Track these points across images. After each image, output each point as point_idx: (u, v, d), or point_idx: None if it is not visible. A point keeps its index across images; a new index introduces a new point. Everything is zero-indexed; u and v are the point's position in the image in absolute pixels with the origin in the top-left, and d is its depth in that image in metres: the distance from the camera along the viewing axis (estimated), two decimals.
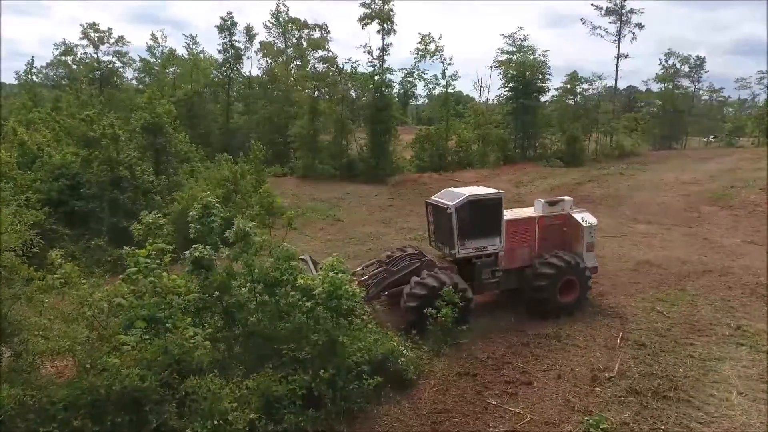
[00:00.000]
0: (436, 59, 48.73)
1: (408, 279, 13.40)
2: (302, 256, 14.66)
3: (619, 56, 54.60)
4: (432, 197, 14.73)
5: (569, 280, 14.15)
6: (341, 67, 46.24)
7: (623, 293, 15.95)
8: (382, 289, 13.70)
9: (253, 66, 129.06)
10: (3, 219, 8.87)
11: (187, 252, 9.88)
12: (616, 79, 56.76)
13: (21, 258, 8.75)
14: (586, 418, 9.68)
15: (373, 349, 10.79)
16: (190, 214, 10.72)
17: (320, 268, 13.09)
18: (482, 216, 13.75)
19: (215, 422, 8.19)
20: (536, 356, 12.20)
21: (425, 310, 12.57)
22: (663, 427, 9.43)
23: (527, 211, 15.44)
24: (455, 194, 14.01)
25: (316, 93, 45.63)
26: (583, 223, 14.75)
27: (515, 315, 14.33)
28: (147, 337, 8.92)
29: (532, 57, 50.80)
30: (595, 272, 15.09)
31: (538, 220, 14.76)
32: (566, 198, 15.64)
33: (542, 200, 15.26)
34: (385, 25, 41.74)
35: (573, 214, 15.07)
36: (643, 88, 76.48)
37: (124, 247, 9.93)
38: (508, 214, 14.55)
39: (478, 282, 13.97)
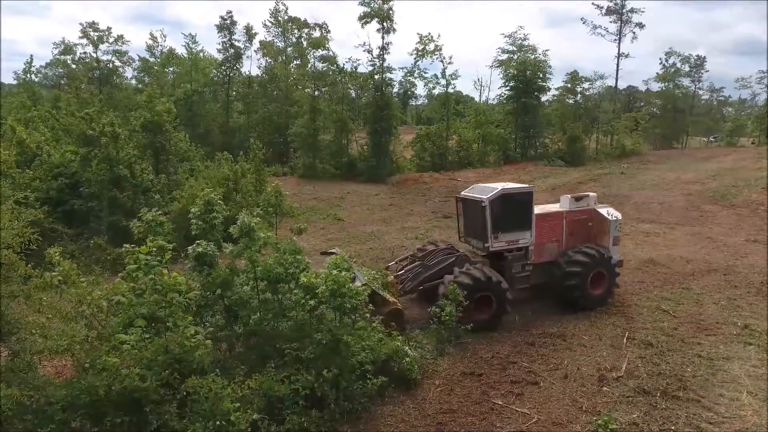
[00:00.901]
0: (436, 58, 48.67)
1: (443, 274, 13.50)
2: (332, 250, 14.87)
3: (619, 56, 54.62)
4: (462, 192, 14.89)
5: (599, 273, 14.30)
6: (341, 66, 46.16)
7: (628, 292, 15.78)
8: (418, 283, 13.73)
9: (252, 65, 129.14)
10: (2, 215, 8.70)
11: (189, 248, 9.72)
12: (616, 79, 56.81)
13: (18, 255, 8.57)
14: (595, 418, 9.52)
15: (377, 348, 10.61)
16: (192, 210, 10.57)
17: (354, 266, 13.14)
18: (514, 210, 13.87)
19: (217, 423, 8.01)
20: (542, 356, 12.03)
21: (429, 309, 12.51)
22: (673, 428, 9.26)
23: (554, 207, 15.57)
24: (487, 188, 14.13)
25: (316, 92, 45.49)
26: (610, 218, 14.95)
27: (520, 314, 14.16)
28: (147, 336, 8.74)
29: (532, 56, 50.75)
30: (621, 266, 15.21)
31: (566, 215, 14.90)
32: (591, 193, 15.89)
33: (568, 196, 15.47)
34: (384, 24, 41.61)
35: (598, 209, 15.26)
36: (643, 88, 76.56)
37: (124, 245, 9.75)
38: (537, 210, 14.62)
39: (509, 276, 13.95)
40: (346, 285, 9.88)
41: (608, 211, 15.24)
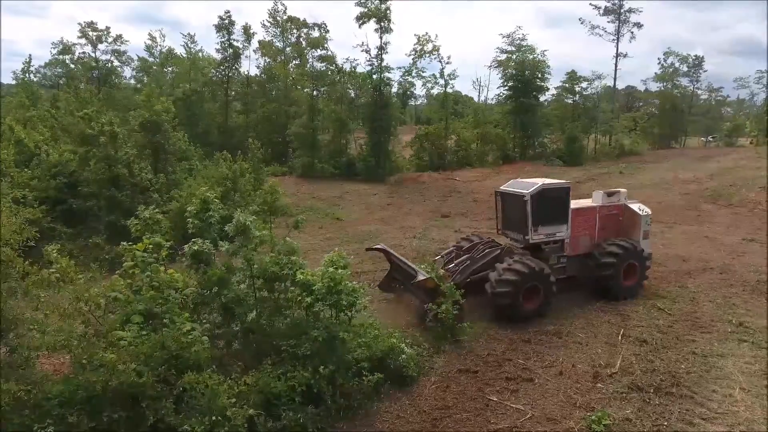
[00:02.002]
0: (434, 58, 48.77)
1: (489, 267, 13.98)
2: (378, 246, 15.52)
3: (617, 56, 54.81)
4: (501, 187, 15.51)
5: (631, 265, 14.96)
6: (340, 66, 46.23)
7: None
8: (466, 276, 14.11)
9: (251, 65, 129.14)
10: (1, 213, 8.78)
11: (185, 246, 9.79)
12: (615, 79, 56.97)
13: (17, 252, 8.63)
14: (588, 414, 9.59)
15: (373, 345, 10.70)
16: (189, 209, 10.64)
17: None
18: (553, 204, 14.45)
19: (213, 418, 8.08)
20: (537, 353, 12.09)
21: (426, 306, 12.61)
22: (665, 423, 9.33)
23: (587, 202, 16.16)
24: (527, 183, 14.76)
25: (315, 92, 45.55)
26: (641, 213, 15.61)
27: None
28: (144, 332, 8.82)
29: (531, 56, 50.85)
30: (650, 258, 15.72)
31: (598, 209, 15.52)
32: (621, 190, 16.57)
33: (601, 191, 16.13)
34: (382, 24, 41.69)
35: (629, 204, 15.91)
36: (641, 88, 76.74)
37: (122, 243, 9.84)
38: (571, 204, 15.10)
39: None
40: (342, 282, 9.97)
41: (639, 207, 15.91)
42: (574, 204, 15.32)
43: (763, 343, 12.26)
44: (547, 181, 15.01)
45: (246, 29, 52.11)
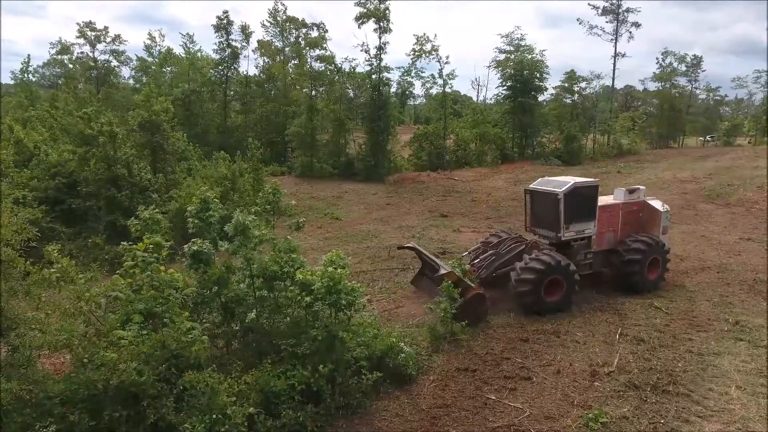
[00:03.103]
0: (433, 58, 48.85)
1: (515, 261, 14.42)
2: (409, 244, 16.01)
3: (616, 55, 54.97)
4: (531, 185, 15.85)
5: (654, 259, 15.51)
6: (339, 65, 46.30)
7: (621, 289, 15.92)
8: (492, 271, 14.60)
9: (250, 65, 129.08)
10: (1, 213, 8.82)
11: (185, 246, 9.84)
12: (613, 78, 57.18)
13: (18, 252, 8.68)
14: (586, 412, 9.66)
15: (372, 344, 10.76)
16: (189, 208, 10.69)
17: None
18: (583, 202, 14.76)
19: (213, 417, 8.13)
20: (535, 352, 12.16)
21: (425, 305, 12.71)
22: (662, 421, 9.40)
23: (610, 199, 16.48)
24: (557, 182, 15.02)
25: (314, 92, 45.59)
26: (662, 209, 16.18)
27: (514, 311, 14.31)
28: (144, 331, 8.86)
29: (529, 56, 50.94)
30: (668, 253, 16.19)
31: (621, 206, 15.97)
32: (641, 187, 16.92)
33: (623, 189, 16.50)
34: (381, 24, 41.78)
35: (649, 201, 16.39)
36: (640, 87, 76.98)
37: (122, 243, 9.89)
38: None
39: (574, 263, 14.58)
40: (341, 282, 10.02)
41: (660, 204, 16.43)
42: (599, 201, 15.60)
43: (759, 342, 12.35)
44: (578, 179, 15.26)
45: (244, 29, 52.21)
